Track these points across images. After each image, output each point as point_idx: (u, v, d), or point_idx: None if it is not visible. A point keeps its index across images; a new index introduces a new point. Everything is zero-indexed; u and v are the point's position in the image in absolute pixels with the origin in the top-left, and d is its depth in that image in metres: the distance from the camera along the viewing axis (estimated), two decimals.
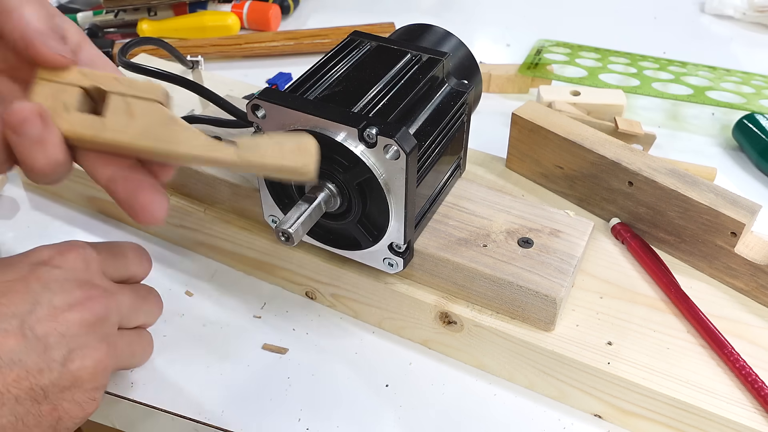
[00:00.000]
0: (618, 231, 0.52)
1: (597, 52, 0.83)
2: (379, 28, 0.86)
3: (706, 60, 0.83)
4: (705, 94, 0.72)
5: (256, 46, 0.84)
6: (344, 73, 0.44)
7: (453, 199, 0.48)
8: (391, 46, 0.47)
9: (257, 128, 0.41)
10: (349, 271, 0.47)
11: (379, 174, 0.39)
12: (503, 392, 0.46)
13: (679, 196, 0.48)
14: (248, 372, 0.46)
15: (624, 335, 0.44)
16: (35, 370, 0.34)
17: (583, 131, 0.54)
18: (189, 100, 0.64)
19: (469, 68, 0.51)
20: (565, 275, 0.43)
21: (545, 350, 0.43)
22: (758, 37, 0.92)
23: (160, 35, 0.87)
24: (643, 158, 0.51)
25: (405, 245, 0.42)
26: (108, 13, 0.89)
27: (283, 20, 0.94)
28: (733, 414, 0.40)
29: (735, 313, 0.47)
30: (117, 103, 0.36)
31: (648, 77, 0.76)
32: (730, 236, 0.47)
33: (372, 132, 0.37)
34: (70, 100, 0.36)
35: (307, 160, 0.34)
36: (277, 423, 0.43)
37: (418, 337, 0.48)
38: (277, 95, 0.40)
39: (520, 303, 0.43)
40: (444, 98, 0.45)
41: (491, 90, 0.76)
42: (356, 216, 0.42)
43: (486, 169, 0.59)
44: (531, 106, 0.57)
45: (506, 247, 0.44)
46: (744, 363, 0.41)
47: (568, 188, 0.56)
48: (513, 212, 0.47)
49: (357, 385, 0.46)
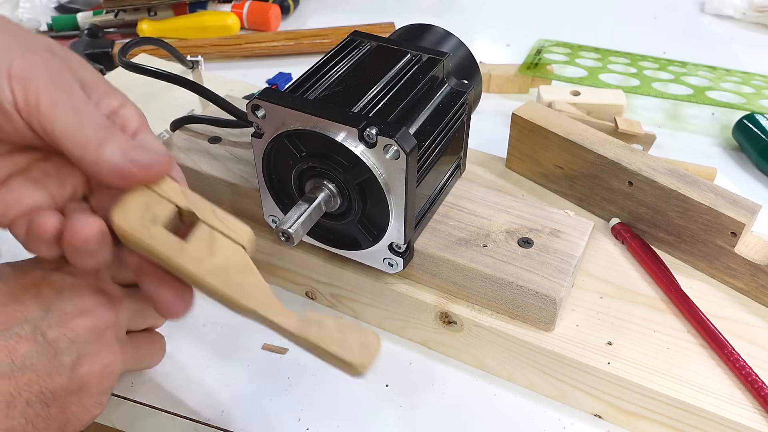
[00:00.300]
0: (618, 231, 0.52)
1: (597, 52, 0.83)
2: (379, 28, 0.86)
3: (706, 60, 0.83)
4: (705, 94, 0.72)
5: (256, 46, 0.84)
6: (344, 73, 0.44)
7: (453, 199, 0.48)
8: (391, 46, 0.47)
9: (257, 128, 0.41)
10: (349, 271, 0.47)
11: (379, 174, 0.39)
12: (503, 392, 0.46)
13: (679, 196, 0.48)
14: (248, 372, 0.46)
15: (624, 335, 0.44)
16: (45, 374, 0.35)
17: (583, 131, 0.54)
18: (189, 100, 0.64)
19: (469, 68, 0.51)
20: (565, 275, 0.43)
21: (545, 350, 0.43)
22: (758, 37, 0.92)
23: (160, 35, 0.87)
24: (643, 158, 0.51)
25: (405, 245, 0.42)
26: (108, 13, 0.89)
27: (283, 20, 0.94)
28: (733, 414, 0.40)
29: (735, 313, 0.47)
30: (203, 234, 0.34)
31: (648, 77, 0.76)
32: (730, 236, 0.47)
33: (372, 132, 0.37)
34: (161, 214, 0.34)
35: (366, 360, 0.33)
36: (277, 423, 0.43)
37: (418, 337, 0.48)
38: (277, 95, 0.40)
39: (520, 303, 0.43)
40: (444, 98, 0.45)
41: (491, 90, 0.76)
42: (356, 216, 0.42)
43: (486, 169, 0.59)
44: (531, 106, 0.57)
45: (506, 247, 0.44)
46: (744, 363, 0.41)
47: (568, 188, 0.56)
48: (513, 212, 0.47)
49: (357, 385, 0.46)
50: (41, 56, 0.33)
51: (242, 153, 0.52)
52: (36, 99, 0.32)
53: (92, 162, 0.33)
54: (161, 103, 0.66)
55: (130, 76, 0.54)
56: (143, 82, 0.57)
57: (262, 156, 0.43)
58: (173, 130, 0.55)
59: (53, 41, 0.36)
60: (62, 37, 0.89)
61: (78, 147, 0.32)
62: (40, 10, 0.94)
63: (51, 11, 0.96)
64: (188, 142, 0.53)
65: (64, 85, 0.33)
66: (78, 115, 0.33)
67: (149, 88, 0.67)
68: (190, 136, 0.54)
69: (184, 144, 0.53)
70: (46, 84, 0.32)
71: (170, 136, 0.54)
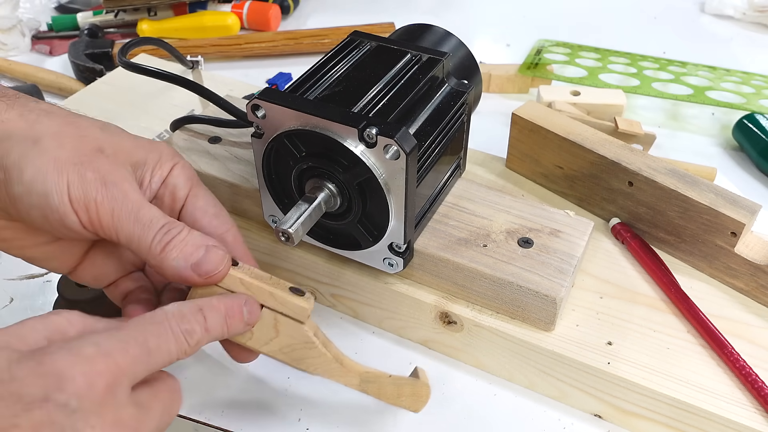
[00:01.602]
0: (618, 231, 0.52)
1: (597, 52, 0.83)
2: (379, 28, 0.86)
3: (706, 60, 0.83)
4: (705, 94, 0.72)
5: (256, 46, 0.84)
6: (344, 73, 0.44)
7: (453, 199, 0.48)
8: (391, 46, 0.47)
9: (257, 128, 0.41)
10: (349, 271, 0.47)
11: (379, 174, 0.39)
12: (503, 392, 0.46)
13: (679, 196, 0.48)
14: (248, 372, 0.46)
15: (624, 335, 0.44)
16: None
17: (583, 131, 0.54)
18: (189, 100, 0.64)
19: (469, 68, 0.51)
20: (565, 275, 0.43)
21: (545, 350, 0.43)
22: (758, 37, 0.92)
23: (160, 35, 0.87)
24: (643, 158, 0.51)
25: (405, 245, 0.42)
26: (108, 13, 0.89)
27: (283, 20, 0.94)
28: (733, 414, 0.40)
29: (735, 313, 0.47)
30: (267, 318, 0.37)
31: (648, 77, 0.76)
32: (730, 236, 0.47)
33: (372, 132, 0.37)
34: None
35: (419, 406, 0.39)
36: (277, 423, 0.43)
37: (418, 337, 0.48)
38: (277, 95, 0.40)
39: (520, 303, 0.43)
40: (444, 98, 0.45)
41: (491, 90, 0.76)
42: (356, 216, 0.42)
43: (486, 169, 0.59)
44: (531, 106, 0.57)
45: (506, 247, 0.44)
46: (744, 363, 0.41)
47: (568, 188, 0.56)
48: (513, 212, 0.47)
49: None
50: (93, 166, 0.35)
51: (242, 153, 0.52)
52: (97, 216, 0.35)
53: (157, 266, 0.36)
54: (161, 103, 0.66)
55: (130, 76, 0.54)
56: (143, 82, 0.57)
57: (262, 156, 0.43)
58: (173, 130, 0.55)
59: (101, 125, 0.38)
60: (62, 37, 0.89)
61: (143, 252, 0.35)
62: (40, 10, 0.94)
63: (51, 11, 0.96)
64: (188, 142, 0.53)
65: (118, 192, 0.35)
66: (138, 223, 0.35)
67: (149, 88, 0.67)
68: (190, 136, 0.54)
69: (184, 144, 0.53)
70: (103, 198, 0.35)
71: (170, 136, 0.54)
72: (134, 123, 0.63)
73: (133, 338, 0.31)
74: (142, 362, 0.31)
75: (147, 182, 0.39)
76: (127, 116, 0.64)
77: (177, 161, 0.40)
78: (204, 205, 0.40)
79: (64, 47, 0.85)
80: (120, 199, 0.35)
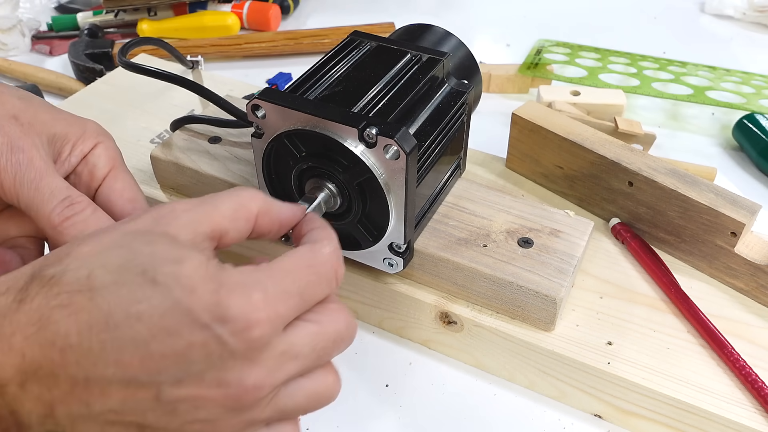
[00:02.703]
0: (618, 231, 0.52)
1: (597, 52, 0.83)
2: (379, 28, 0.86)
3: (706, 60, 0.83)
4: (705, 94, 0.72)
5: (256, 46, 0.84)
6: (344, 73, 0.44)
7: (453, 199, 0.48)
8: (391, 46, 0.47)
9: (257, 128, 0.41)
10: (349, 271, 0.47)
11: (379, 174, 0.39)
12: (503, 392, 0.46)
13: (679, 196, 0.48)
14: None
15: (624, 335, 0.44)
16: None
17: (583, 131, 0.54)
18: (189, 100, 0.64)
19: (469, 68, 0.51)
20: (565, 275, 0.43)
21: (545, 350, 0.43)
22: (758, 37, 0.92)
23: (160, 35, 0.87)
24: (643, 158, 0.51)
25: (405, 245, 0.42)
26: (108, 13, 0.89)
27: (283, 20, 0.94)
28: (733, 414, 0.40)
29: (735, 313, 0.47)
30: None
31: (648, 77, 0.76)
32: (730, 236, 0.47)
33: (372, 132, 0.37)
34: None
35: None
36: None
37: (418, 337, 0.48)
38: (277, 95, 0.40)
39: (520, 303, 0.43)
40: (444, 98, 0.45)
41: (491, 90, 0.76)
42: (356, 216, 0.42)
43: (486, 169, 0.59)
44: (531, 106, 0.57)
45: (506, 247, 0.44)
46: (744, 363, 0.41)
47: (568, 188, 0.56)
48: (513, 212, 0.47)
49: (357, 385, 0.46)
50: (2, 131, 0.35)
51: (242, 153, 0.52)
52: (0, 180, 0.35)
53: (53, 238, 0.35)
54: (161, 103, 0.66)
55: (130, 76, 0.54)
56: (143, 82, 0.57)
57: (262, 156, 0.43)
58: (173, 130, 0.55)
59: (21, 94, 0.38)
60: (62, 37, 0.89)
61: (41, 222, 0.35)
62: (40, 10, 0.94)
63: (51, 11, 0.96)
64: (188, 142, 0.53)
65: (24, 158, 0.35)
66: (38, 191, 0.35)
67: (149, 88, 0.67)
68: (190, 136, 0.54)
69: (184, 144, 0.53)
70: (6, 162, 0.35)
71: (170, 136, 0.54)
72: (134, 123, 0.63)
73: (296, 287, 0.31)
74: (298, 310, 0.31)
75: (65, 156, 0.38)
76: (127, 116, 0.64)
77: (102, 140, 0.39)
78: (121, 188, 0.39)
79: (64, 47, 0.85)
80: (24, 165, 0.35)
